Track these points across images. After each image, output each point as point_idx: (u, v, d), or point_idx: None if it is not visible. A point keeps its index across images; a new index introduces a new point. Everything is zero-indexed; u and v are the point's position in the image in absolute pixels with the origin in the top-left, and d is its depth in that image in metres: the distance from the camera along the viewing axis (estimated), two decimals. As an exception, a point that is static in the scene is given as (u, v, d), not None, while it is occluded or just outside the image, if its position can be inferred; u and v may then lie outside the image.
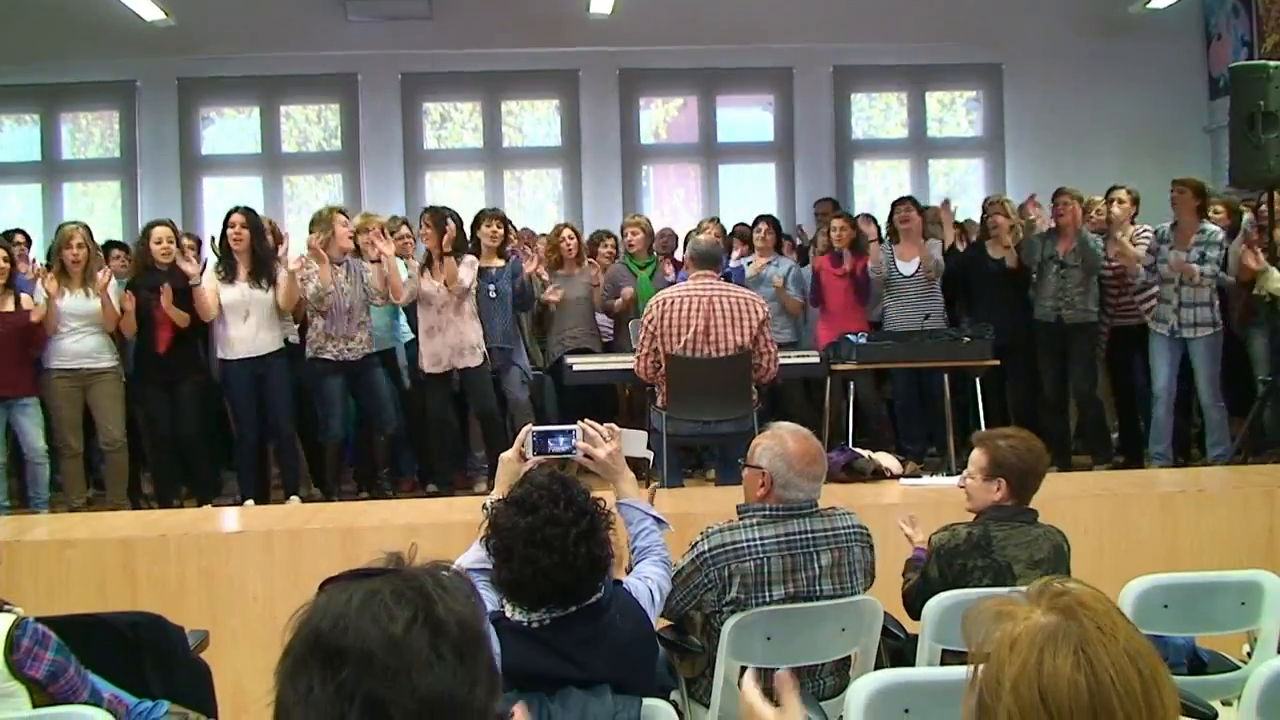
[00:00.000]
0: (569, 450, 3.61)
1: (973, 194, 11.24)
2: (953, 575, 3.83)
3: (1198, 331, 7.73)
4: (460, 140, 11.95)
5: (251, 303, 7.47)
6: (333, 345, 7.57)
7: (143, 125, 11.39)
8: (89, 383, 7.44)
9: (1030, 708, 1.39)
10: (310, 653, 1.32)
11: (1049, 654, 1.41)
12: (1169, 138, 11.14)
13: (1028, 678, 1.40)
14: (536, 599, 2.82)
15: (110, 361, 7.51)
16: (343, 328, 7.56)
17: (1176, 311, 7.75)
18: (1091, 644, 1.41)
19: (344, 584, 1.39)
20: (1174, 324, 7.76)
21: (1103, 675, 1.39)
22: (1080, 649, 1.41)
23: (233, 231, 7.48)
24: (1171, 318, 7.77)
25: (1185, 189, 7.82)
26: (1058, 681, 1.39)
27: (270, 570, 5.12)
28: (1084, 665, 1.40)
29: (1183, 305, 7.74)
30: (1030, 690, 1.40)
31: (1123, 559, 5.12)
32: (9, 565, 4.56)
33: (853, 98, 11.94)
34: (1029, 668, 1.41)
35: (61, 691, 3.03)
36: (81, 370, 7.41)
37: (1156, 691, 1.41)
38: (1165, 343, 7.83)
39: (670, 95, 12.10)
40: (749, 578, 3.61)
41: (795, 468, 3.68)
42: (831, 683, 3.79)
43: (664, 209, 11.51)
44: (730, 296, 6.35)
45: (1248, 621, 3.82)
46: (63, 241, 7.47)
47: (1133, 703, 1.39)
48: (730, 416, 6.34)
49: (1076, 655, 1.41)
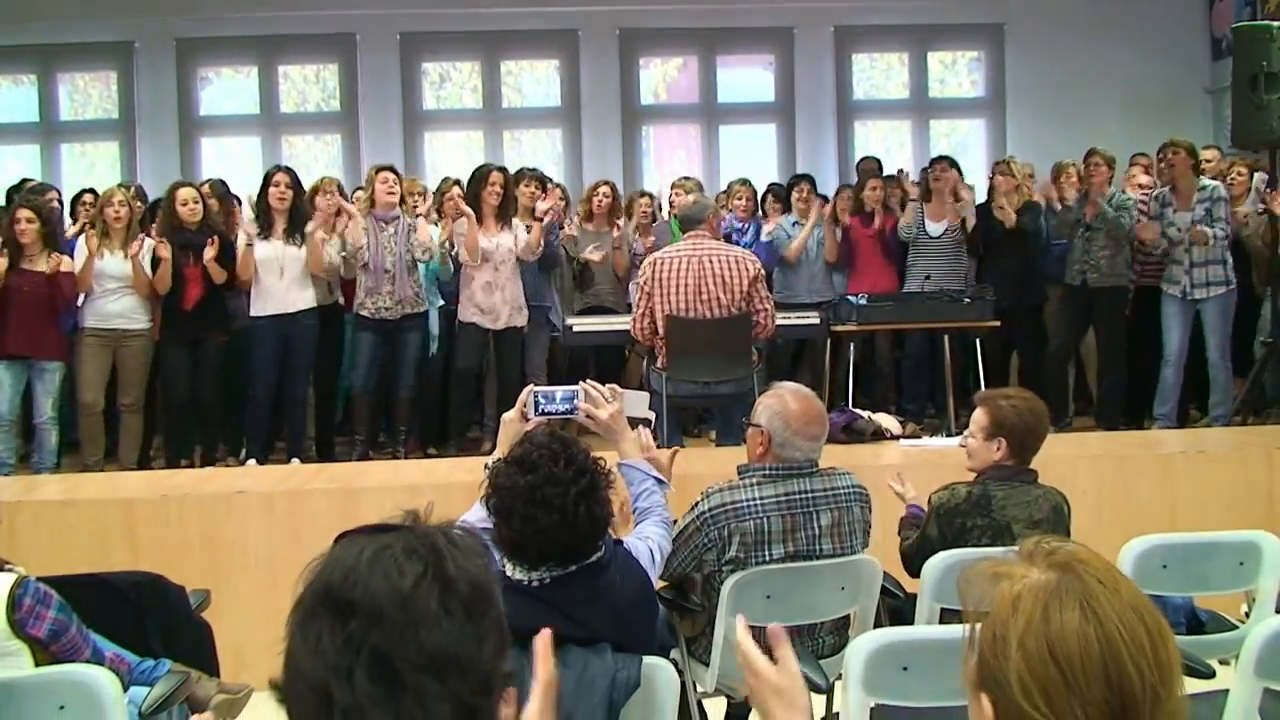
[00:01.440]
0: (570, 411, 3.62)
1: (974, 155, 11.21)
2: (952, 534, 3.84)
3: (1210, 291, 7.70)
4: (459, 101, 11.90)
5: (285, 259, 7.52)
6: (371, 302, 7.63)
7: (141, 86, 11.32)
8: (120, 343, 7.49)
9: (1040, 662, 1.39)
10: (320, 604, 1.33)
11: (1054, 609, 1.41)
12: (1171, 98, 11.08)
13: (1035, 633, 1.40)
14: (536, 558, 2.82)
15: (144, 323, 7.56)
16: (384, 285, 7.61)
17: (1189, 272, 7.71)
18: (1095, 598, 1.41)
19: (358, 538, 1.40)
20: (1185, 285, 7.72)
21: (1110, 627, 1.39)
22: (1085, 602, 1.41)
23: (277, 191, 7.53)
24: (1183, 279, 7.73)
25: (1179, 151, 7.77)
26: (1066, 635, 1.39)
27: (271, 530, 5.14)
28: (1091, 618, 1.39)
29: (1194, 266, 7.69)
30: (1039, 645, 1.39)
31: (1122, 519, 5.13)
32: (11, 525, 4.58)
33: (854, 58, 11.85)
34: (1035, 623, 1.40)
35: (63, 650, 3.05)
36: (115, 330, 7.47)
37: (1162, 644, 1.41)
38: (1178, 304, 7.78)
39: (670, 55, 12.02)
40: (748, 537, 3.62)
41: (793, 427, 3.68)
42: (830, 641, 3.80)
43: (664, 170, 11.46)
44: (720, 255, 6.33)
45: (1246, 582, 3.83)
46: (105, 200, 7.55)
47: (1141, 654, 1.39)
48: (730, 377, 6.34)
49: (1083, 609, 1.40)
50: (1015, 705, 1.40)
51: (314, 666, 1.31)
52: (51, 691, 2.92)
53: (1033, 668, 1.39)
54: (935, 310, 7.88)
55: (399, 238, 7.66)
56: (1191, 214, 7.68)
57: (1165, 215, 7.79)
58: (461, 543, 1.41)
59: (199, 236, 7.53)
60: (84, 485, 5.82)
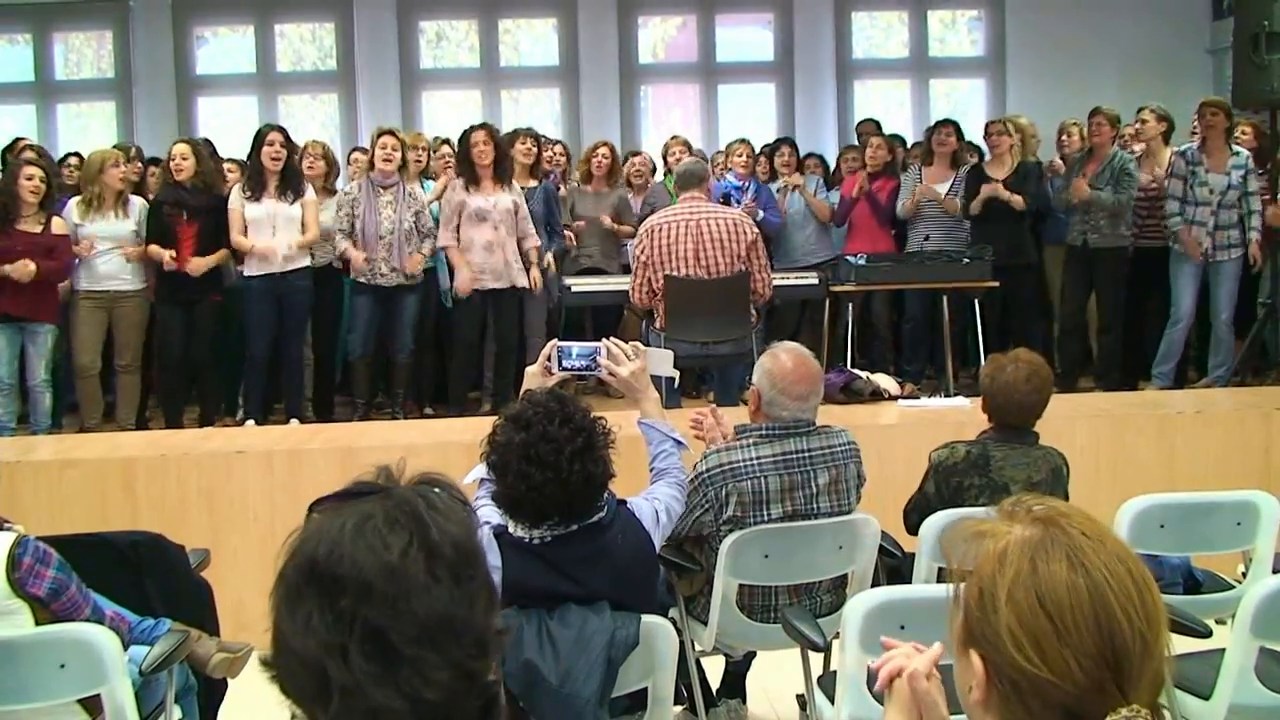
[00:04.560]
0: (592, 367, 3.61)
1: (974, 115, 11.13)
2: (949, 492, 3.85)
3: (1231, 254, 7.69)
4: (456, 60, 11.82)
5: (278, 217, 7.49)
6: (368, 268, 7.57)
7: (136, 45, 11.24)
8: (115, 304, 7.48)
9: (1030, 613, 1.39)
10: (306, 582, 1.33)
11: (1041, 560, 1.41)
12: (1171, 58, 11.01)
13: (1024, 585, 1.40)
14: (533, 515, 2.83)
15: (138, 284, 7.55)
16: (379, 251, 7.56)
17: (1211, 234, 7.68)
18: (1081, 550, 1.42)
19: (335, 505, 1.39)
20: (1207, 247, 7.68)
21: (1098, 576, 1.39)
22: (1071, 554, 1.41)
23: (271, 150, 7.47)
24: (1206, 240, 7.69)
25: (1219, 112, 7.69)
26: (1055, 585, 1.39)
27: (271, 490, 5.16)
28: (1079, 568, 1.40)
29: (1218, 228, 7.67)
30: (1029, 596, 1.40)
31: (1119, 479, 5.15)
32: (11, 485, 4.58)
33: (853, 16, 11.76)
34: (1023, 575, 1.41)
35: (63, 609, 3.05)
36: (110, 292, 7.45)
37: (1149, 593, 1.42)
38: (1192, 265, 7.76)
39: (669, 13, 11.94)
40: (746, 496, 3.63)
41: (778, 385, 3.69)
42: (828, 600, 3.82)
43: (662, 130, 11.40)
44: (718, 218, 6.31)
45: (1243, 542, 3.85)
46: (105, 165, 7.47)
47: (1130, 602, 1.39)
48: (728, 338, 6.34)
49: (1070, 559, 1.41)
50: (1007, 658, 1.41)
51: (306, 646, 1.30)
52: (52, 650, 2.93)
53: (1023, 619, 1.40)
54: (934, 270, 7.86)
55: (398, 204, 7.61)
56: (1228, 178, 7.64)
57: (1197, 174, 7.72)
58: (441, 504, 1.39)
59: (194, 195, 7.50)
60: (83, 445, 5.82)
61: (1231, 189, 7.64)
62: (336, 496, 1.41)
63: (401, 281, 7.64)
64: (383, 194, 7.60)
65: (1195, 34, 11.43)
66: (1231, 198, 7.66)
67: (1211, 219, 7.68)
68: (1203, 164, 7.72)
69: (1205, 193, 7.67)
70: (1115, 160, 7.91)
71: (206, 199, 7.54)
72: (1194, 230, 7.71)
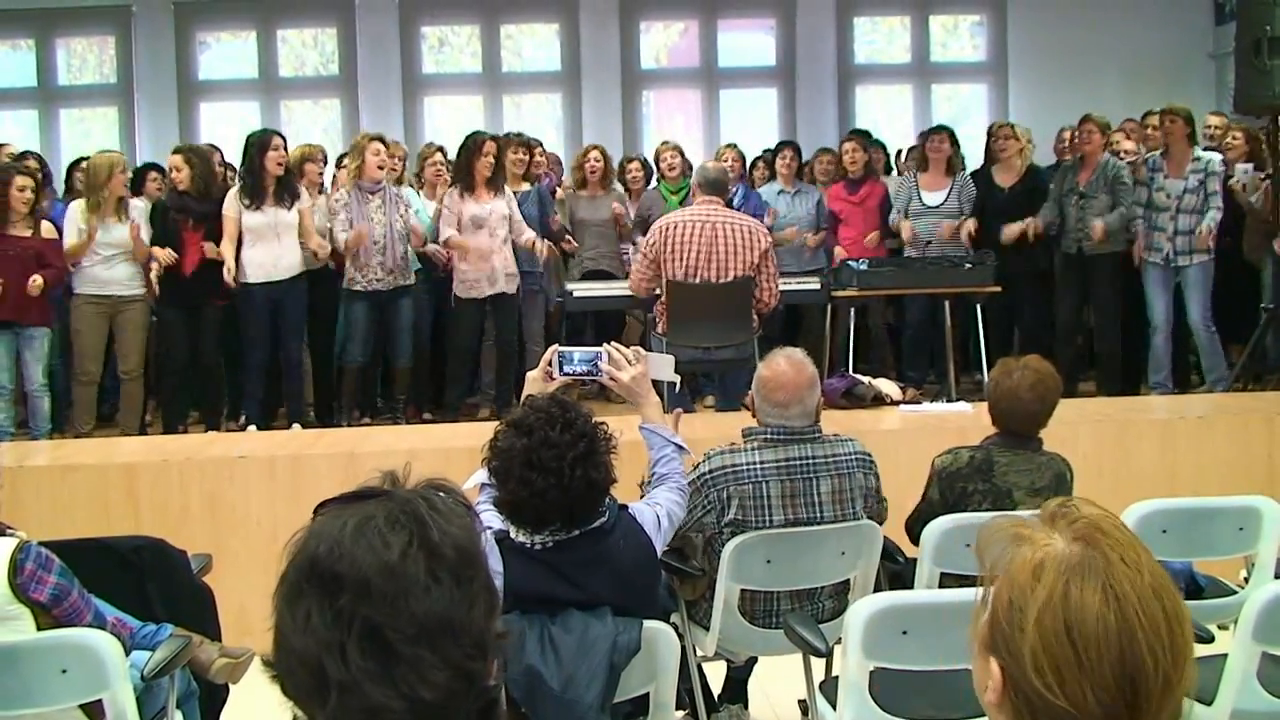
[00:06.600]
0: (593, 372, 3.61)
1: (976, 120, 11.14)
2: (953, 498, 3.85)
3: (1194, 259, 7.69)
4: (459, 65, 11.84)
5: (279, 224, 7.49)
6: (361, 275, 7.59)
7: (139, 50, 11.27)
8: (117, 310, 7.47)
9: (1056, 640, 1.38)
10: (306, 580, 1.33)
11: (1075, 586, 1.39)
12: (1174, 64, 11.02)
13: (1054, 610, 1.38)
14: (535, 521, 2.83)
15: (140, 289, 7.54)
16: (373, 257, 7.56)
17: (1171, 239, 7.70)
18: (1118, 580, 1.39)
19: (338, 508, 1.39)
20: (1169, 252, 7.71)
21: (1129, 611, 1.38)
22: (1108, 584, 1.39)
23: (277, 155, 7.49)
24: (1166, 246, 7.72)
25: (1177, 118, 7.73)
26: (1085, 616, 1.37)
27: (273, 495, 5.15)
28: (1112, 601, 1.38)
29: (1178, 233, 7.68)
30: (1056, 623, 1.38)
31: (1122, 484, 5.13)
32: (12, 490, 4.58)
33: (855, 21, 11.78)
34: (1055, 599, 1.39)
35: (65, 614, 3.05)
36: (112, 297, 7.45)
37: (1179, 627, 1.40)
38: (1160, 272, 7.78)
39: (671, 18, 11.96)
40: (747, 500, 3.63)
41: (761, 393, 3.74)
42: (830, 605, 3.81)
43: (664, 135, 11.38)
44: (733, 224, 6.31)
45: (1245, 547, 3.84)
46: (111, 172, 7.44)
47: (1158, 639, 1.38)
48: (730, 343, 6.34)
49: (1105, 591, 1.38)
50: (1025, 677, 1.39)
51: (305, 644, 1.31)
52: (54, 655, 2.93)
53: (1048, 645, 1.38)
54: (935, 275, 7.85)
55: (386, 208, 7.61)
56: (1185, 183, 7.66)
57: (1155, 180, 7.77)
58: (443, 506, 1.40)
59: (198, 202, 7.51)
60: (85, 450, 5.83)
61: (1188, 193, 7.64)
62: (341, 499, 1.41)
63: (396, 284, 7.66)
64: (371, 199, 7.61)
65: (1197, 39, 11.45)
66: (1190, 202, 7.66)
67: (1171, 224, 7.70)
68: (1162, 170, 7.77)
69: (1163, 198, 7.72)
70: (1108, 168, 7.91)
71: (209, 205, 7.53)
72: (1154, 235, 7.74)
